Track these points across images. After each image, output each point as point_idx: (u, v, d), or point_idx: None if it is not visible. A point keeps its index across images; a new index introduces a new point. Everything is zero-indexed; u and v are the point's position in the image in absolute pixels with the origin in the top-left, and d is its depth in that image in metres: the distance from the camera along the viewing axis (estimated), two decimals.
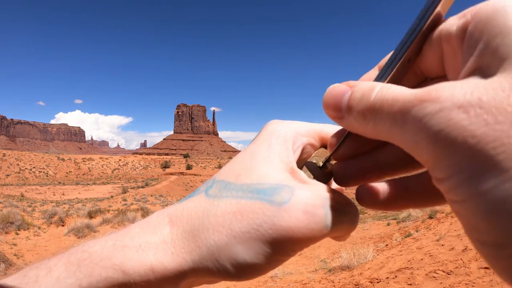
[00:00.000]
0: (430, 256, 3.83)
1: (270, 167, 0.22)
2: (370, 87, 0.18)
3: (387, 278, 3.60)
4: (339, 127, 0.25)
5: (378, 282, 3.60)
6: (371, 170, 0.23)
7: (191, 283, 0.22)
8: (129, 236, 0.22)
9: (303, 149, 0.25)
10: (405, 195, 0.22)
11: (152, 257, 0.21)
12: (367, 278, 3.86)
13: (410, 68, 0.21)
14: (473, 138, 0.13)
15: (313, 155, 0.26)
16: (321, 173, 0.25)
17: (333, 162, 0.25)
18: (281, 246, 0.20)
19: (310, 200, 0.21)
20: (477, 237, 0.15)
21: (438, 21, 0.20)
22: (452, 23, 0.18)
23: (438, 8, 0.19)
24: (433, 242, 4.42)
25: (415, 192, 0.22)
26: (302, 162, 0.25)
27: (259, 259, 0.20)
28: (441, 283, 3.00)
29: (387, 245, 5.76)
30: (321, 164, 0.25)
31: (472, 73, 0.16)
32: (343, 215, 0.22)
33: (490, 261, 0.15)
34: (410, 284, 3.22)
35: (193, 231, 0.21)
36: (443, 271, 3.22)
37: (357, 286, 3.72)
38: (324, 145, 0.26)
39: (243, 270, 0.20)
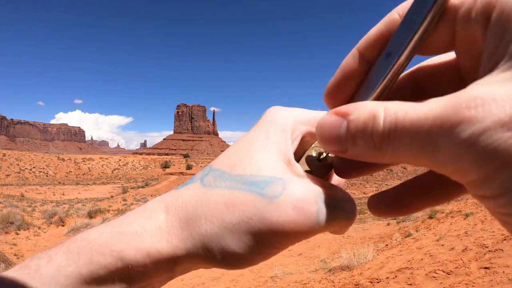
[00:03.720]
0: (430, 256, 3.83)
1: (265, 158, 0.22)
2: (370, 114, 0.16)
3: (387, 278, 3.60)
4: None
5: (378, 282, 3.60)
6: None
7: (186, 269, 0.23)
8: (126, 222, 0.23)
9: (302, 138, 0.24)
10: (424, 192, 0.21)
11: (148, 243, 0.21)
12: (367, 278, 3.86)
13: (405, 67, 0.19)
14: None
15: (313, 145, 0.24)
16: (320, 166, 0.24)
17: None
18: (270, 240, 0.20)
19: (303, 195, 0.20)
20: None
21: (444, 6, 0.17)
22: (469, 6, 0.16)
23: None
24: (433, 242, 4.43)
25: (436, 184, 0.20)
26: (302, 152, 0.24)
27: (247, 251, 0.20)
28: (441, 283, 3.00)
29: (387, 245, 5.76)
30: (320, 156, 0.24)
31: (504, 72, 0.14)
32: (339, 210, 0.21)
33: None
34: (410, 284, 3.21)
35: (187, 220, 0.21)
36: (443, 271, 3.22)
37: (357, 286, 3.72)
38: None
39: (232, 260, 0.21)
